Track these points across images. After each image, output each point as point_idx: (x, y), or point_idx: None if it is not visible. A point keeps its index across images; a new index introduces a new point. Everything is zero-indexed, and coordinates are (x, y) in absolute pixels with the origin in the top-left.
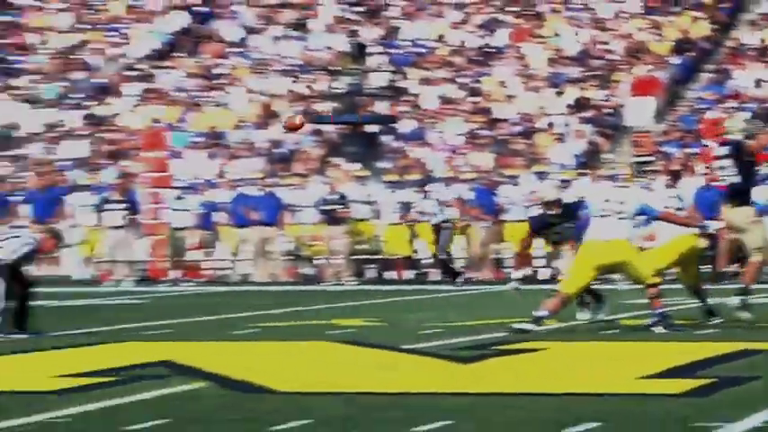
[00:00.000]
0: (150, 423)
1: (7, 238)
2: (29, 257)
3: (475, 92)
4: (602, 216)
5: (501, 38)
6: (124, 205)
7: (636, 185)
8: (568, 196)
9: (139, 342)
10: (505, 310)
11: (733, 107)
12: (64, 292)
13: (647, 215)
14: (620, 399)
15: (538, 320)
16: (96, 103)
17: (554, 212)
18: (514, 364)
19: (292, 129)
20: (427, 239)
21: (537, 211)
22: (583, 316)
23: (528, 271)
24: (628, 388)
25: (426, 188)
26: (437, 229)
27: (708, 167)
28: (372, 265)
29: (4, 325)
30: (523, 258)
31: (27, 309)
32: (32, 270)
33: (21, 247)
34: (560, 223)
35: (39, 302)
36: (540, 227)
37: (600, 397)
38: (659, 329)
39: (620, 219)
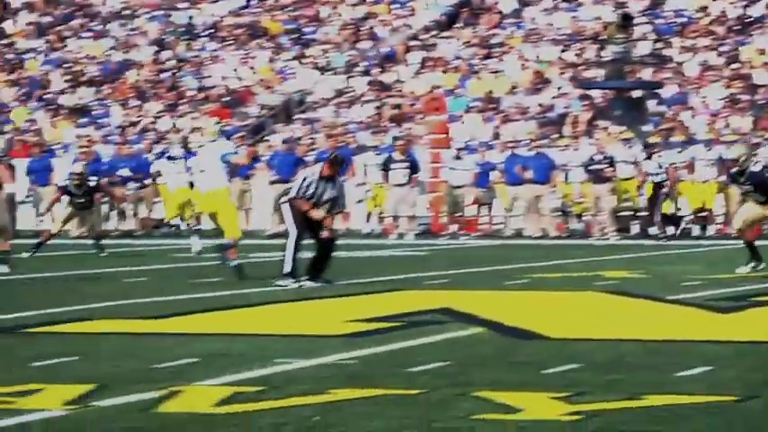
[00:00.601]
0: (433, 365)
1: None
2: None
3: (735, 59)
4: None
5: (759, 8)
6: (406, 164)
7: None
8: None
9: (421, 291)
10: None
11: None
12: (353, 244)
13: None
14: None
15: None
16: (381, 70)
17: None
18: None
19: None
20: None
21: None
22: None
23: None
24: None
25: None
26: (658, 187)
27: None
28: (636, 221)
29: (296, 272)
30: None
31: (326, 259)
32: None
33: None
34: None
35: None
36: None
37: None
38: None
39: None
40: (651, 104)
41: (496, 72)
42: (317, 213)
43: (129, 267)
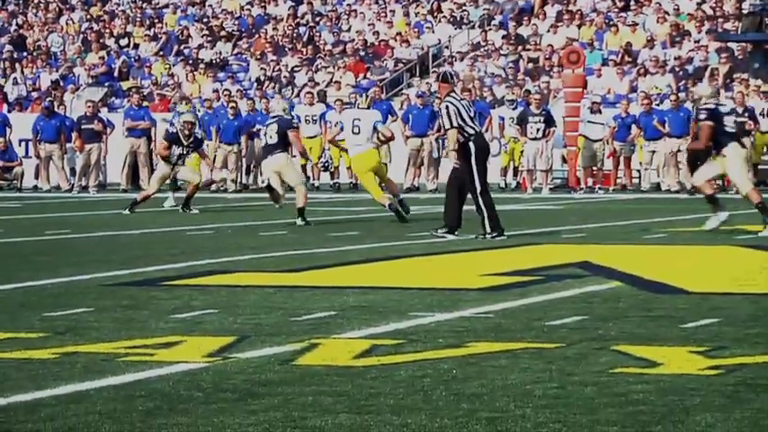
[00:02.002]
0: (569, 319)
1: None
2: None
3: None
4: None
5: None
6: (542, 118)
7: None
8: None
9: (558, 245)
10: None
11: None
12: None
13: None
14: None
15: None
16: (517, 23)
17: None
18: None
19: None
20: None
21: None
22: None
23: None
24: None
25: None
26: None
27: None
28: None
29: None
30: None
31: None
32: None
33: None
34: None
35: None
36: None
37: None
38: None
39: None
40: None
41: (634, 25)
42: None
43: (266, 221)
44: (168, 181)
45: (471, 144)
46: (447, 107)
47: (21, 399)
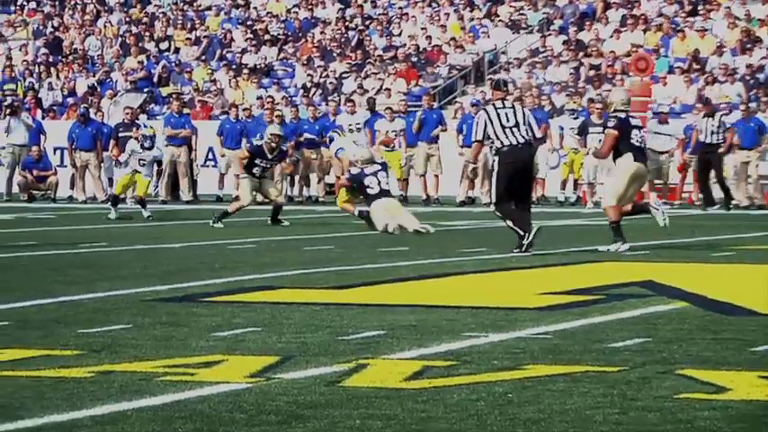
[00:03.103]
0: (631, 341)
1: None
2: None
3: None
4: None
5: None
6: (603, 129)
7: None
8: None
9: (620, 262)
10: None
11: None
12: (547, 212)
13: None
14: None
15: None
16: (579, 28)
17: None
18: None
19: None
20: None
21: None
22: None
23: None
24: None
25: None
26: None
27: None
28: None
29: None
30: None
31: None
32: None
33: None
34: None
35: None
36: None
37: None
38: None
39: None
40: None
41: (702, 30)
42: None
43: (313, 235)
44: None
45: (496, 157)
46: (478, 118)
47: (55, 419)
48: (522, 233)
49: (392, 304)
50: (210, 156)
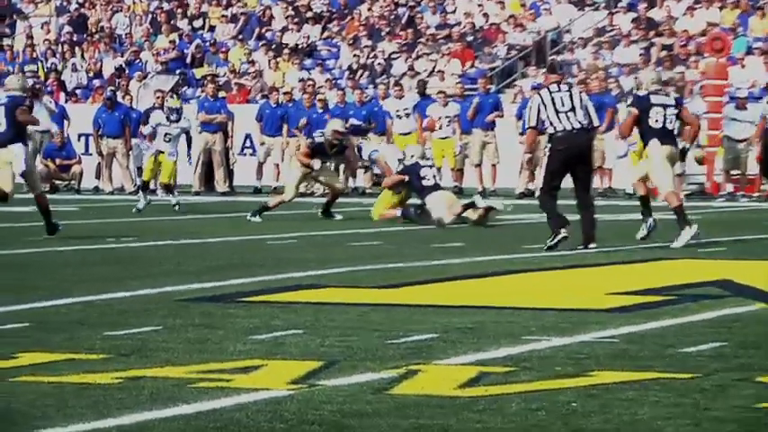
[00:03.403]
0: (706, 346)
1: None
2: None
3: None
4: None
5: None
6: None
7: None
8: None
9: (694, 260)
10: None
11: None
12: (615, 205)
13: None
14: None
15: None
16: (649, 5)
17: None
18: None
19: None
20: None
21: None
22: None
23: None
24: None
25: None
26: None
27: None
28: None
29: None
30: None
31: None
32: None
33: None
34: None
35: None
36: None
37: None
38: None
39: None
40: None
41: None
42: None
43: (359, 230)
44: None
45: (550, 143)
46: (532, 102)
47: (80, 428)
48: (552, 232)
49: (446, 305)
50: (248, 143)
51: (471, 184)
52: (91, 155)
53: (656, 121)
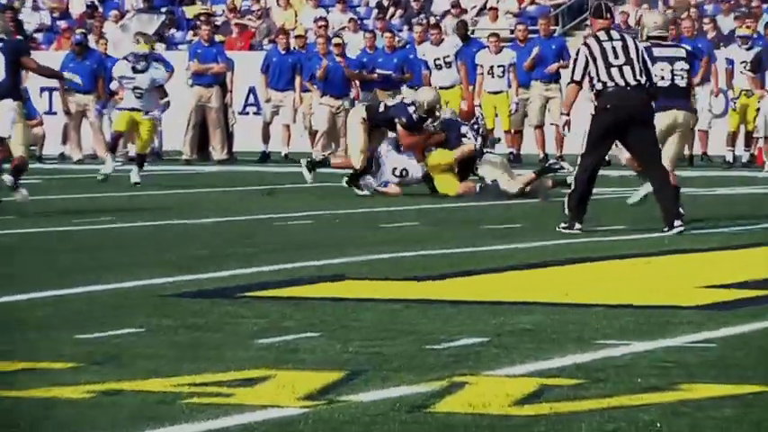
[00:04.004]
0: None
1: None
2: None
3: None
4: None
5: None
6: None
7: None
8: None
9: None
10: None
11: None
12: (709, 177)
13: None
14: None
15: None
16: None
17: None
18: None
19: None
20: None
21: None
22: None
23: None
24: None
25: None
26: None
27: None
28: None
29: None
30: None
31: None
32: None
33: None
34: None
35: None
36: None
37: None
38: None
39: None
40: None
41: None
42: None
43: (391, 207)
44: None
45: (596, 101)
46: (578, 53)
47: None
48: (565, 220)
49: (498, 301)
50: (251, 100)
51: (531, 149)
52: (55, 114)
53: (665, 77)
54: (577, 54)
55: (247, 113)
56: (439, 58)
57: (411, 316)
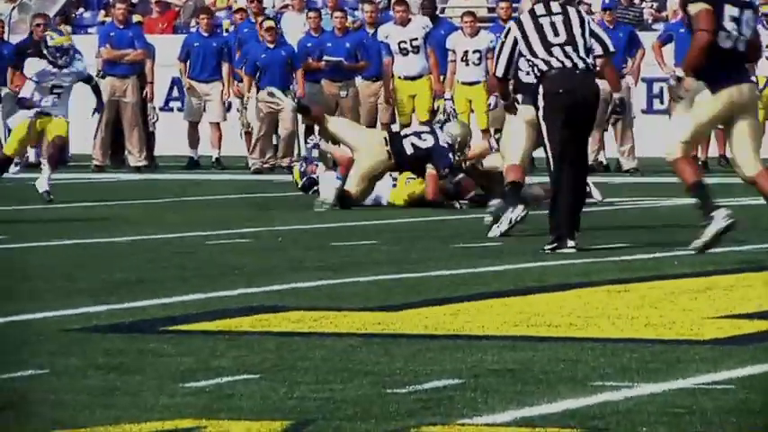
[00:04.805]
0: None
1: None
2: None
3: None
4: None
5: None
6: None
7: None
8: None
9: None
10: None
11: None
12: (724, 183)
13: None
14: None
15: None
16: None
17: None
18: None
19: None
20: None
21: None
22: None
23: None
24: None
25: None
26: None
27: None
28: None
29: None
30: None
31: None
32: None
33: None
34: None
35: None
36: None
37: None
38: None
39: None
40: None
41: None
42: None
43: (347, 222)
44: None
45: (540, 87)
46: (505, 34)
47: None
48: (552, 234)
49: (475, 335)
50: (176, 93)
51: None
52: None
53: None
54: (504, 36)
55: (171, 110)
56: (405, 41)
57: (369, 354)
